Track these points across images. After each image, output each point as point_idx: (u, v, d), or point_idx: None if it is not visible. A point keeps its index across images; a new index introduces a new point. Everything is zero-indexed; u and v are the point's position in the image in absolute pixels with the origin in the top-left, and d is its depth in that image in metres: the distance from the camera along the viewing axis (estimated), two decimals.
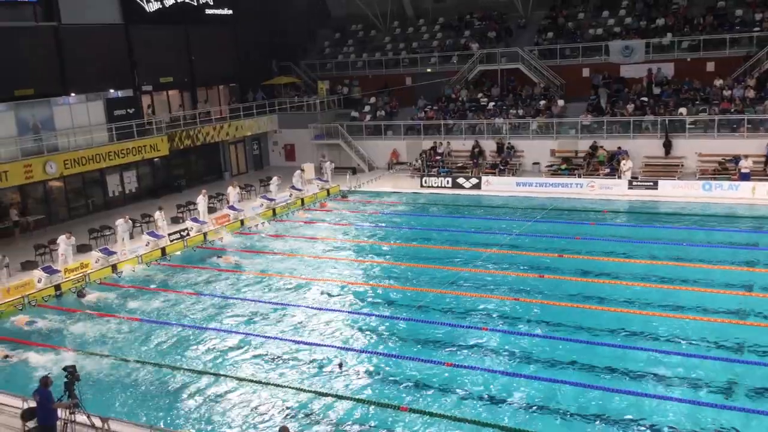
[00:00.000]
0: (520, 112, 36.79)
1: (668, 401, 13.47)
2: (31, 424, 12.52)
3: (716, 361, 14.98)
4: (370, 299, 19.89)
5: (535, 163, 34.98)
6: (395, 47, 44.36)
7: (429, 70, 41.60)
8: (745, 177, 29.16)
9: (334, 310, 19.15)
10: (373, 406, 13.90)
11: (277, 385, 15.00)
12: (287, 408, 14.10)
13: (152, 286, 22.15)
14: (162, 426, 13.35)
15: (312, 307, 19.42)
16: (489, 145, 36.21)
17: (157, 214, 26.93)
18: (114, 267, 23.70)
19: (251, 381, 15.29)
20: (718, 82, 33.62)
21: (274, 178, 32.64)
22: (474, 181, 33.52)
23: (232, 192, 30.55)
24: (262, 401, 14.43)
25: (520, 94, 38.27)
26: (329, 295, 20.36)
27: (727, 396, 13.61)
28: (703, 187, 29.35)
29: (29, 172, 27.27)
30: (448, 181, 33.99)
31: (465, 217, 29.08)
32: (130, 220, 25.90)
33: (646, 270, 20.78)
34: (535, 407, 13.59)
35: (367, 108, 41.78)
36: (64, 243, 23.21)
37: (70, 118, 30.82)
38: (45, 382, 12.30)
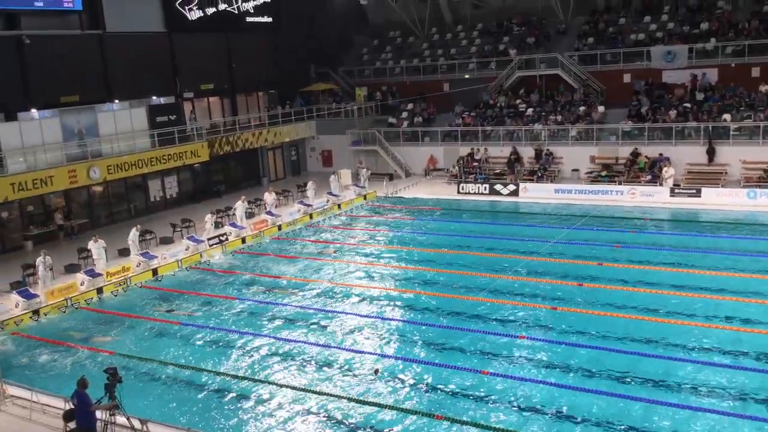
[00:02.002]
0: (559, 118, 36.41)
1: (713, 414, 13.12)
2: (72, 425, 12.67)
3: (763, 374, 14.55)
4: (405, 306, 19.81)
5: (574, 170, 34.56)
6: (433, 53, 44.33)
7: (467, 76, 41.45)
8: None
9: (370, 317, 19.14)
10: (408, 414, 13.83)
11: (313, 392, 15.02)
12: (322, 414, 14.11)
13: (194, 290, 22.41)
14: (200, 430, 13.43)
15: (347, 313, 19.46)
16: (527, 152, 35.91)
17: (208, 217, 27.29)
18: (155, 271, 24.06)
19: (287, 386, 15.33)
20: (764, 88, 32.83)
21: (310, 183, 32.85)
22: (512, 187, 33.25)
23: (269, 198, 30.85)
24: (298, 407, 14.46)
25: (559, 100, 37.88)
26: (363, 301, 20.34)
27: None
28: (748, 195, 28.66)
29: (73, 177, 27.90)
30: (485, 188, 33.77)
31: (502, 223, 28.81)
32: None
33: (688, 280, 20.31)
34: (571, 418, 13.36)
35: (404, 114, 41.80)
36: (95, 248, 23.61)
37: (113, 124, 31.46)
38: (83, 383, 12.41)
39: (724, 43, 35.09)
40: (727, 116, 32.28)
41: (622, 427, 12.97)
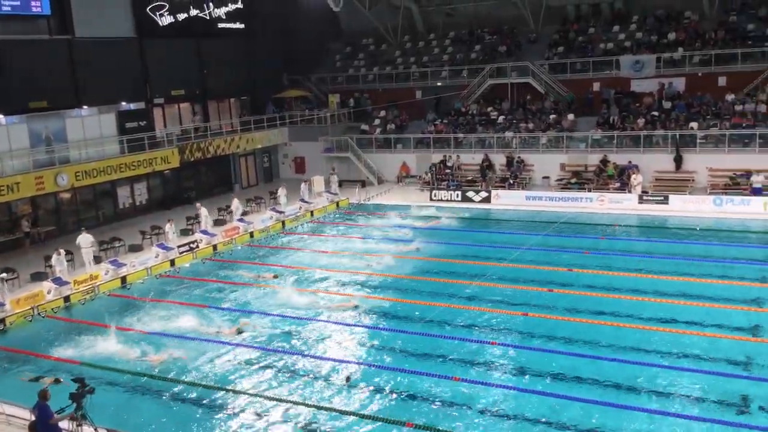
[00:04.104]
0: (530, 125, 36.75)
1: (677, 417, 13.30)
2: None
3: (727, 378, 14.78)
4: (377, 312, 19.77)
5: (544, 177, 34.90)
6: (406, 61, 44.53)
7: (439, 84, 41.70)
8: (757, 192, 28.96)
9: (340, 323, 19.08)
10: (378, 422, 13.80)
11: (283, 400, 14.93)
12: (293, 422, 14.02)
13: (163, 298, 22.16)
14: None
15: (318, 320, 19.38)
16: (499, 159, 36.19)
17: (167, 226, 27.04)
18: (123, 279, 23.76)
19: (258, 395, 15.20)
20: (730, 97, 33.50)
21: (281, 189, 32.76)
22: (483, 194, 33.46)
23: (235, 204, 30.64)
24: (269, 416, 14.35)
25: (530, 108, 38.26)
26: (334, 308, 20.26)
27: (739, 412, 13.42)
28: (714, 202, 29.18)
29: (41, 184, 27.45)
30: (457, 195, 33.95)
31: (474, 230, 28.95)
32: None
33: (656, 285, 20.61)
34: (541, 423, 13.45)
35: (377, 121, 41.88)
36: (57, 262, 23.20)
37: (82, 130, 31.10)
38: (43, 395, 12.13)
39: (691, 52, 35.77)
40: (694, 124, 32.87)
41: (591, 430, 13.07)
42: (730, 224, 27.21)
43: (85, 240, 24.71)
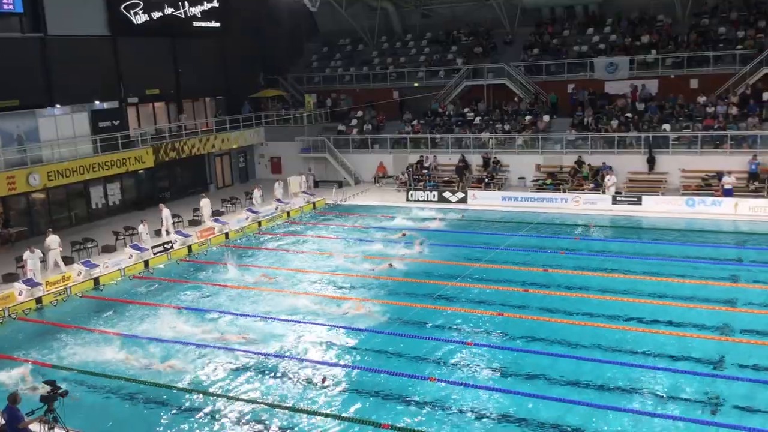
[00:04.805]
0: (506, 127, 36.98)
1: (651, 416, 13.45)
2: None
3: (699, 377, 14.98)
4: (352, 313, 19.71)
5: (520, 178, 35.14)
6: (383, 61, 44.56)
7: (416, 84, 41.79)
8: (728, 193, 29.40)
9: (316, 324, 19.00)
10: (355, 423, 13.78)
11: (258, 402, 14.84)
12: (267, 424, 13.95)
13: (137, 300, 21.92)
14: None
15: (293, 321, 19.28)
16: (475, 160, 36.37)
17: (141, 227, 26.77)
18: (96, 280, 23.46)
19: (233, 398, 15.10)
20: (702, 99, 33.99)
21: (256, 190, 32.56)
22: (460, 195, 33.59)
23: (206, 206, 30.40)
24: (243, 418, 14.27)
25: (506, 109, 38.49)
26: (310, 309, 20.15)
27: (712, 412, 13.60)
28: (687, 203, 29.58)
29: (12, 184, 27.01)
30: (434, 195, 34.04)
31: (451, 231, 29.02)
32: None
33: (629, 285, 20.84)
34: (519, 423, 13.53)
35: (354, 121, 41.84)
36: (30, 259, 22.86)
37: (54, 130, 30.70)
38: (13, 399, 11.96)
39: (664, 55, 36.24)
40: (666, 126, 33.30)
41: (568, 430, 13.17)
42: (702, 225, 27.59)
43: (53, 241, 24.36)
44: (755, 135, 31.11)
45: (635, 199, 30.54)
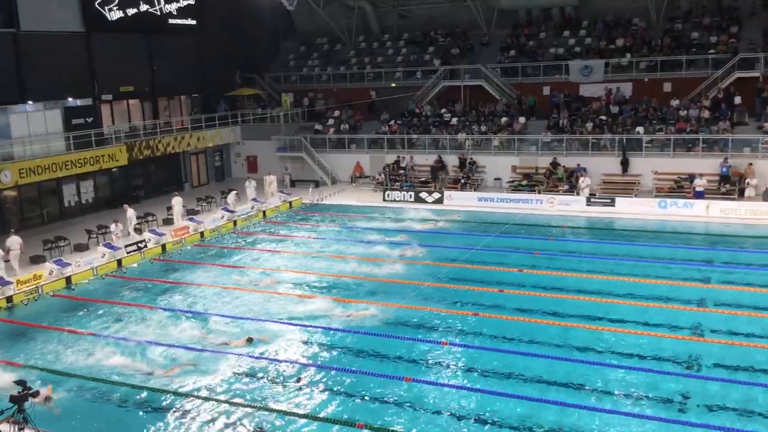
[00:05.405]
0: (483, 128, 37.17)
1: (621, 416, 13.60)
2: None
3: (670, 376, 15.19)
4: (328, 313, 19.68)
5: (496, 179, 35.33)
6: (360, 61, 44.54)
7: (393, 84, 41.84)
8: (699, 195, 29.83)
9: (291, 324, 18.93)
10: (329, 423, 13.76)
11: (231, 402, 14.76)
12: (241, 425, 13.88)
13: (109, 299, 21.68)
14: None
15: (268, 320, 19.19)
16: (452, 160, 36.51)
17: (113, 227, 26.47)
18: (68, 279, 23.15)
19: (205, 398, 14.99)
20: (675, 102, 34.46)
21: (232, 193, 32.31)
22: (436, 195, 33.69)
23: (177, 204, 30.13)
24: (217, 418, 14.18)
25: (482, 110, 38.69)
26: (284, 309, 20.09)
27: (681, 410, 13.80)
28: (659, 205, 29.95)
29: None
30: (410, 195, 34.10)
31: (427, 232, 29.07)
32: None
33: (603, 286, 21.05)
34: (493, 423, 13.61)
35: (330, 121, 41.77)
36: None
37: (26, 126, 30.21)
38: None
39: (638, 58, 36.67)
40: (640, 129, 33.70)
41: (541, 430, 13.27)
42: (674, 226, 27.97)
43: (14, 242, 23.97)
44: (726, 138, 31.61)
45: (609, 200, 30.86)
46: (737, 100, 33.57)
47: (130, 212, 28.02)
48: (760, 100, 33.07)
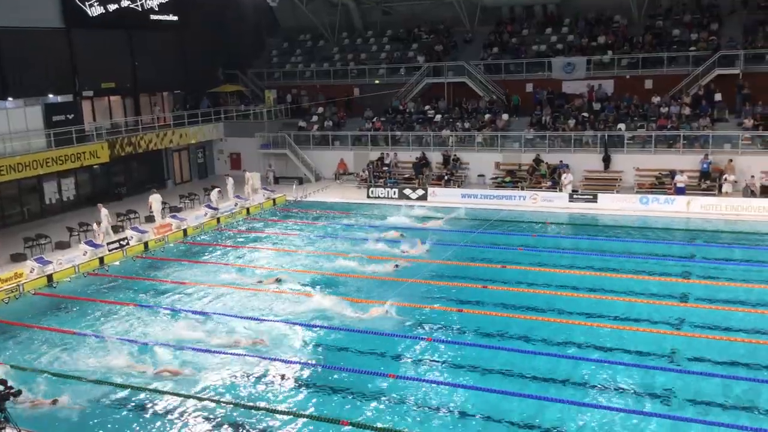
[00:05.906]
0: (467, 125, 37.27)
1: (603, 410, 13.73)
2: None
3: (652, 370, 15.35)
4: (312, 310, 19.63)
5: (480, 176, 35.47)
6: (343, 58, 44.47)
7: (377, 81, 41.83)
8: (680, 191, 30.12)
9: (274, 321, 18.89)
10: (313, 420, 13.77)
11: (213, 400, 14.73)
12: (225, 422, 13.85)
13: (91, 297, 21.52)
14: None
15: (249, 318, 19.15)
16: (435, 157, 36.58)
17: (95, 227, 26.24)
18: (50, 277, 22.96)
19: (188, 396, 14.93)
20: (656, 99, 34.74)
21: (215, 190, 32.13)
22: (420, 192, 33.75)
23: (155, 202, 29.97)
24: (198, 416, 14.15)
25: (466, 107, 38.79)
26: (268, 305, 20.09)
27: (664, 404, 13.94)
28: (641, 201, 30.20)
29: None
30: (394, 192, 34.15)
31: (411, 228, 29.11)
32: None
33: (585, 281, 21.21)
34: (477, 418, 13.69)
35: (314, 118, 41.69)
36: None
37: (6, 123, 29.88)
38: None
39: (620, 55, 36.93)
40: (621, 126, 33.96)
41: (523, 424, 13.35)
42: (655, 222, 28.23)
43: None
44: (707, 135, 31.94)
45: (591, 196, 31.07)
46: (718, 96, 33.92)
47: (104, 211, 27.49)
48: (740, 97, 33.43)
